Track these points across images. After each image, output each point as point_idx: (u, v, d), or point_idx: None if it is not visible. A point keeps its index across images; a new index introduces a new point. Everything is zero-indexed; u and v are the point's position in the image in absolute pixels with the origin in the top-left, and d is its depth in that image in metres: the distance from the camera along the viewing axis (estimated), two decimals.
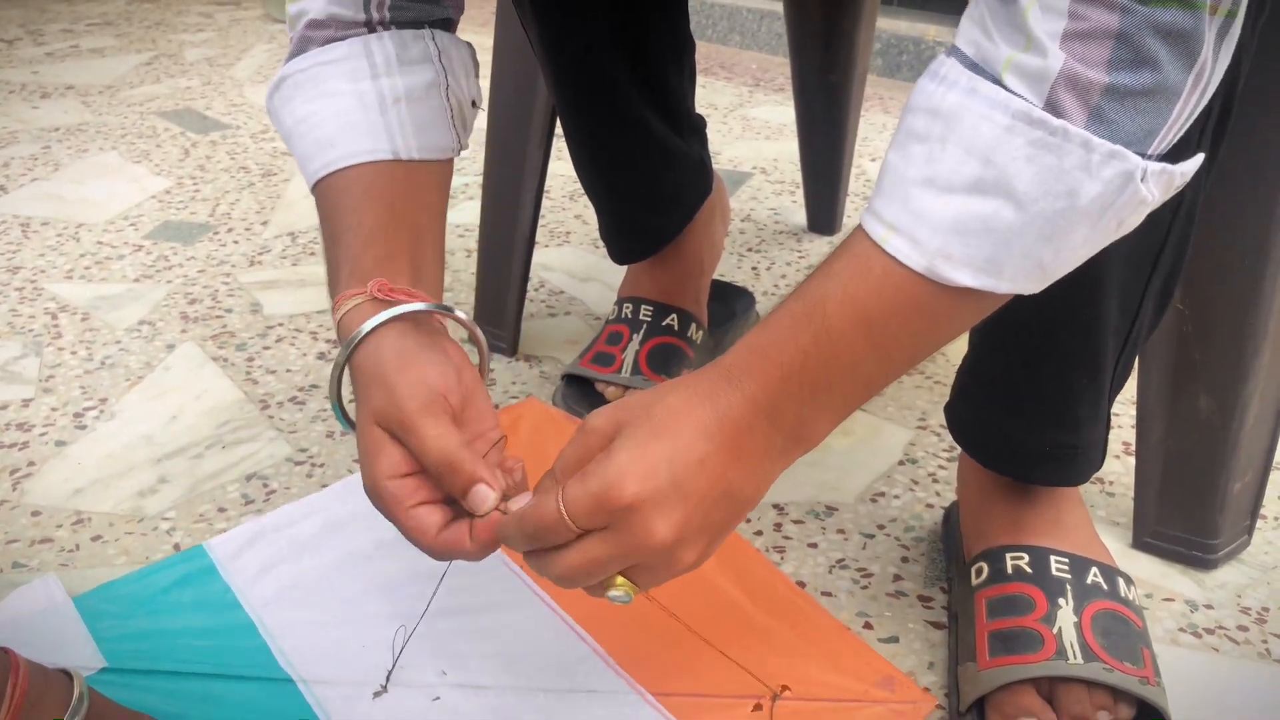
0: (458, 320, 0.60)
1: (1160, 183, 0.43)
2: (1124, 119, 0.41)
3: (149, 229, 1.34)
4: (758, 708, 0.62)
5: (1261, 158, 0.65)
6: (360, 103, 0.62)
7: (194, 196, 1.46)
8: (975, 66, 0.44)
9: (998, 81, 0.43)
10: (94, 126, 1.74)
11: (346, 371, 0.58)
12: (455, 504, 0.54)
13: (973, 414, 0.70)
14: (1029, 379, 0.65)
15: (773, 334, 0.48)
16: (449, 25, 0.67)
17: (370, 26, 0.63)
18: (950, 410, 0.72)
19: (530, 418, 0.90)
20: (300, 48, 0.63)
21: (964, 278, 0.44)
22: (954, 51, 0.46)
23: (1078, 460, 0.66)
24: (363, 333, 0.55)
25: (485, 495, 0.52)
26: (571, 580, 0.49)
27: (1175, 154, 0.44)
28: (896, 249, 0.45)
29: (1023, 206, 0.43)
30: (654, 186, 0.93)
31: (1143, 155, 0.42)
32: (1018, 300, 0.47)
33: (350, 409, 0.58)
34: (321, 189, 0.62)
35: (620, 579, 0.49)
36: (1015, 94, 0.42)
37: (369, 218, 0.60)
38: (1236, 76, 0.47)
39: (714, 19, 2.42)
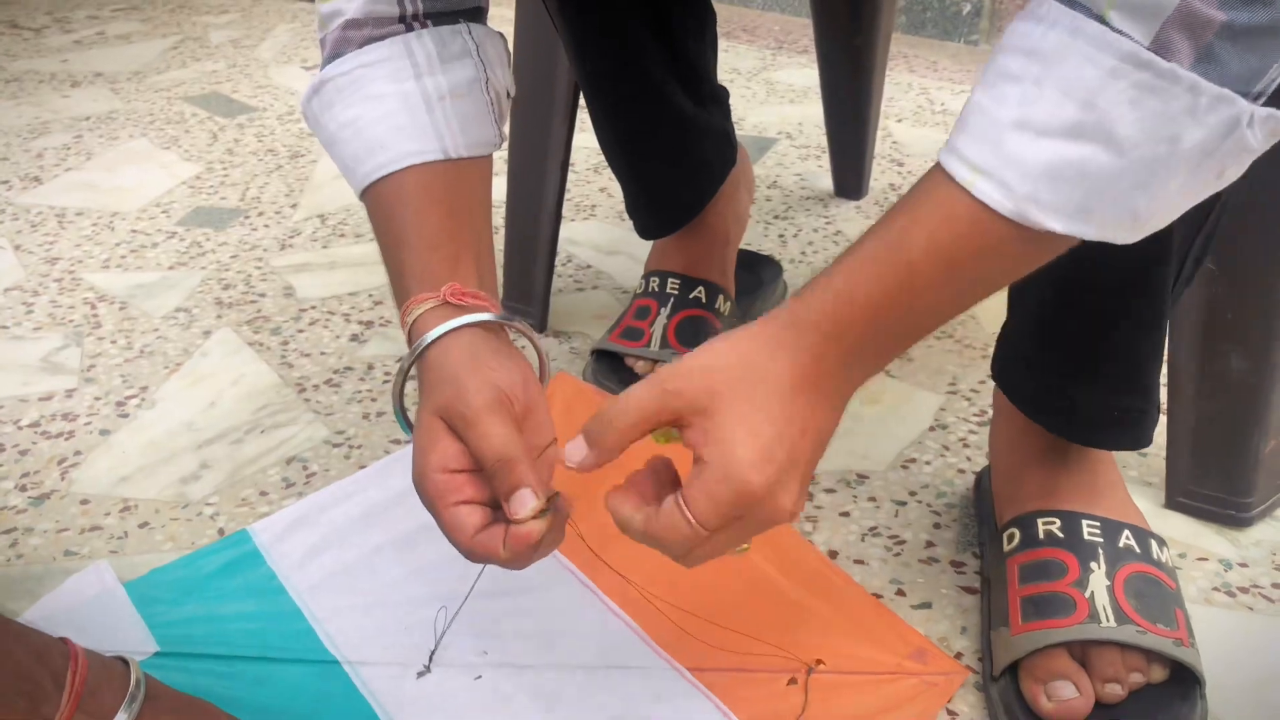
0: (522, 331, 0.61)
1: (1266, 129, 0.41)
2: (1233, 59, 0.40)
3: (181, 215, 1.36)
4: (792, 681, 0.63)
5: None
6: (406, 104, 0.62)
7: (223, 181, 1.48)
8: (1074, 3, 0.41)
9: (1101, 20, 0.40)
10: (123, 114, 1.76)
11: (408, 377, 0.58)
12: (498, 511, 0.54)
13: (1038, 381, 0.68)
14: (1103, 344, 0.64)
15: (855, 278, 0.47)
16: (480, 14, 0.66)
17: (406, 21, 0.62)
18: (1004, 376, 0.71)
19: (562, 393, 0.90)
20: (337, 50, 0.62)
21: (1054, 224, 0.43)
22: None
23: (1144, 422, 0.66)
24: (434, 335, 0.56)
25: (525, 500, 0.52)
26: (705, 558, 0.50)
27: (1274, 99, 0.42)
28: (985, 194, 0.43)
29: (1122, 152, 0.41)
30: (678, 159, 0.93)
31: (1246, 96, 0.40)
32: (1087, 271, 0.47)
33: (412, 414, 0.58)
34: (374, 193, 0.62)
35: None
36: (1122, 33, 0.40)
37: (431, 221, 0.60)
38: None
39: None
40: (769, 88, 1.79)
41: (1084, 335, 0.64)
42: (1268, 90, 0.41)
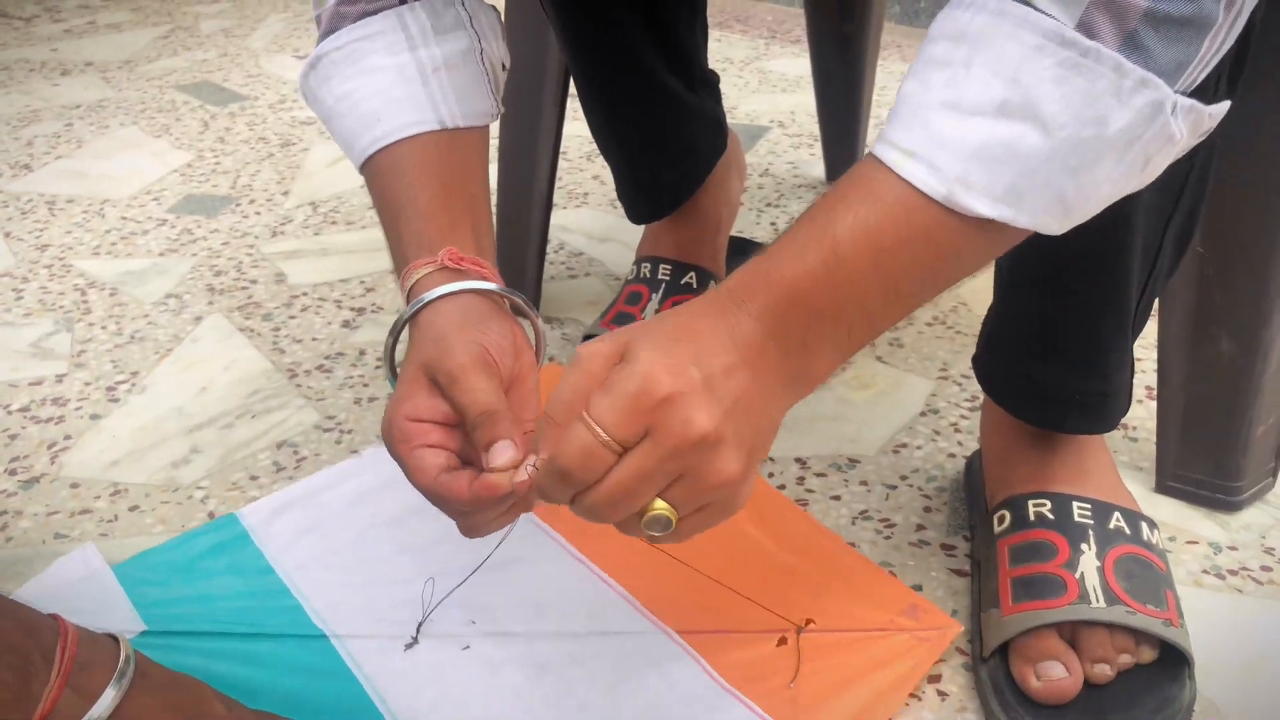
0: (520, 305, 0.60)
1: (1189, 120, 0.42)
2: (1158, 47, 0.40)
3: (172, 203, 1.36)
4: (783, 641, 0.63)
5: None
6: (401, 76, 0.62)
7: (215, 169, 1.47)
8: None
9: (1027, 3, 0.41)
10: (114, 102, 1.75)
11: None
12: (469, 467, 0.53)
13: (1001, 363, 0.70)
14: (1058, 325, 0.64)
15: (779, 257, 0.46)
16: None
17: None
18: (977, 361, 0.72)
19: (550, 383, 0.90)
20: (333, 25, 0.62)
21: (983, 207, 0.42)
22: None
23: (1107, 406, 0.66)
24: (431, 296, 0.56)
25: (504, 450, 0.50)
26: (616, 503, 0.45)
27: (1196, 96, 0.43)
28: (913, 175, 0.43)
29: (1049, 131, 0.41)
30: (669, 143, 0.93)
31: (1171, 89, 0.41)
32: (1046, 246, 0.46)
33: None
34: (372, 165, 0.62)
35: (659, 502, 0.45)
36: (1046, 14, 0.41)
37: (426, 190, 0.60)
38: (1253, 23, 0.47)
39: None
40: (761, 77, 1.79)
41: (1040, 319, 0.65)
42: (1191, 85, 0.42)
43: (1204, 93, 0.44)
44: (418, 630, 0.65)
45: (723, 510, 0.47)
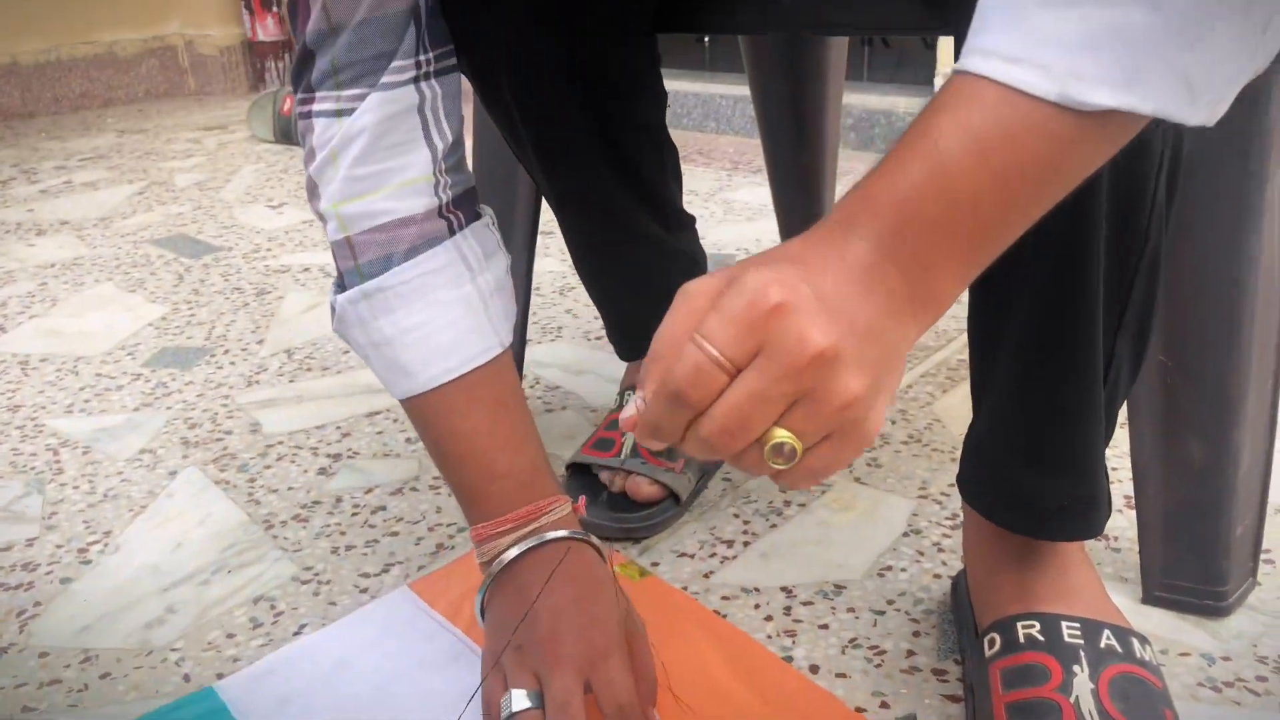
0: (599, 550, 0.70)
1: None
2: None
3: (146, 356, 1.36)
4: None
5: (1229, 201, 0.66)
6: (467, 308, 0.67)
7: (190, 320, 1.48)
8: None
9: None
10: (89, 259, 1.77)
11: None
12: None
13: (989, 474, 0.69)
14: (1042, 430, 0.64)
15: (881, 176, 0.43)
16: (475, 193, 0.72)
17: (442, 214, 0.67)
18: (963, 478, 0.71)
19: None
20: (387, 250, 0.65)
21: (1102, 97, 0.39)
22: None
23: (1094, 509, 0.66)
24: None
25: None
26: (733, 430, 0.42)
27: None
28: (1018, 79, 0.40)
29: (1158, 6, 0.39)
30: (653, 286, 0.95)
31: None
32: (1016, 342, 0.45)
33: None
34: (439, 394, 0.67)
35: (780, 430, 0.42)
36: None
37: (505, 423, 0.68)
38: None
39: (689, 107, 2.48)
40: (726, 207, 1.84)
41: (1029, 425, 0.65)
42: None
43: None
44: None
45: (850, 440, 0.43)
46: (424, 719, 0.69)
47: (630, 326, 0.98)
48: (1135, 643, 0.64)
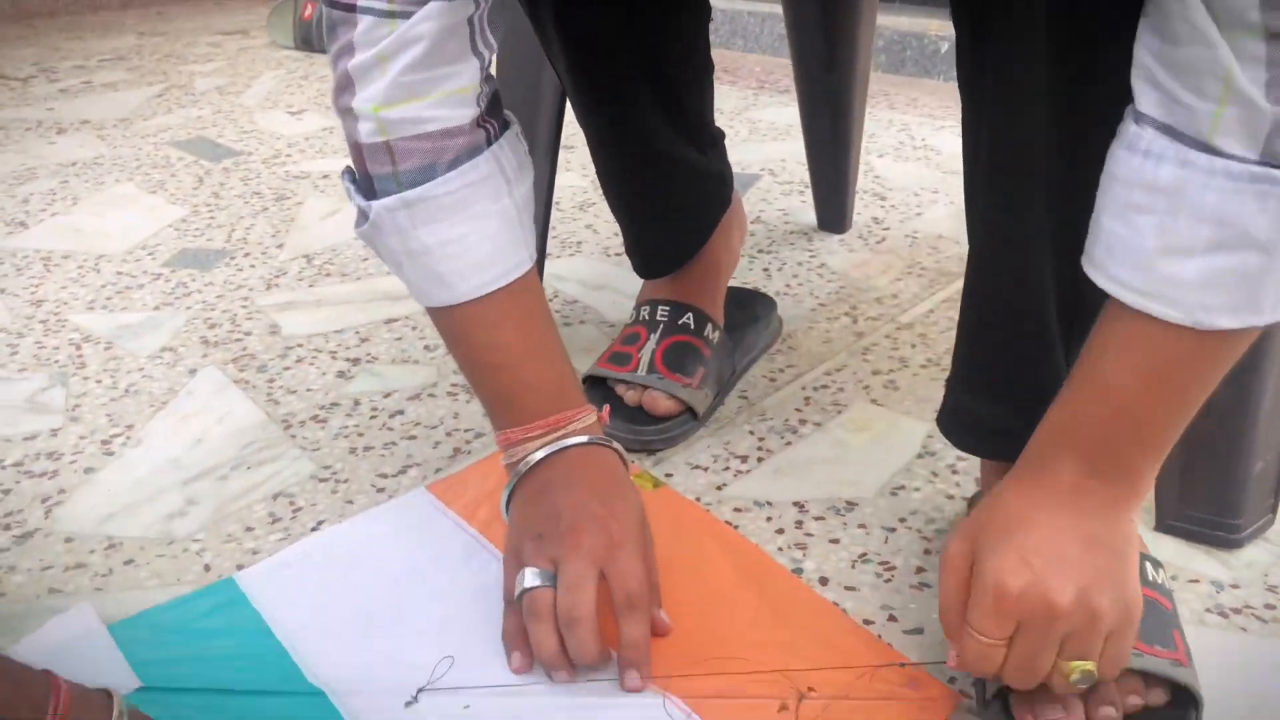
0: (621, 455, 0.72)
1: None
2: None
3: (167, 257, 1.36)
4: (783, 708, 0.62)
5: None
6: (505, 221, 0.67)
7: (210, 223, 1.48)
8: (1172, 130, 0.46)
9: (1204, 145, 0.45)
10: (110, 159, 1.76)
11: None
12: None
13: (951, 398, 0.75)
14: (998, 362, 0.69)
15: (1062, 416, 0.56)
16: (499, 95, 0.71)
17: (481, 122, 0.66)
18: (941, 418, 0.76)
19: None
20: (432, 159, 0.64)
21: (1225, 321, 0.48)
22: (1142, 118, 0.48)
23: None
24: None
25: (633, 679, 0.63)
26: (1024, 678, 0.55)
27: None
28: (1156, 311, 0.49)
29: (1268, 250, 0.46)
30: (679, 206, 0.94)
31: None
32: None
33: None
34: (474, 306, 0.67)
35: (1073, 669, 0.54)
36: (1229, 155, 0.44)
37: (536, 335, 0.70)
38: None
39: (716, 24, 2.43)
40: (751, 126, 1.82)
41: (986, 355, 0.70)
42: None
43: None
44: (418, 691, 0.64)
45: (1123, 631, 0.54)
46: (438, 615, 0.71)
47: (651, 245, 0.97)
48: (1148, 566, 0.64)
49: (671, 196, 0.94)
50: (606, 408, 0.76)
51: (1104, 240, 0.51)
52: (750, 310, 1.07)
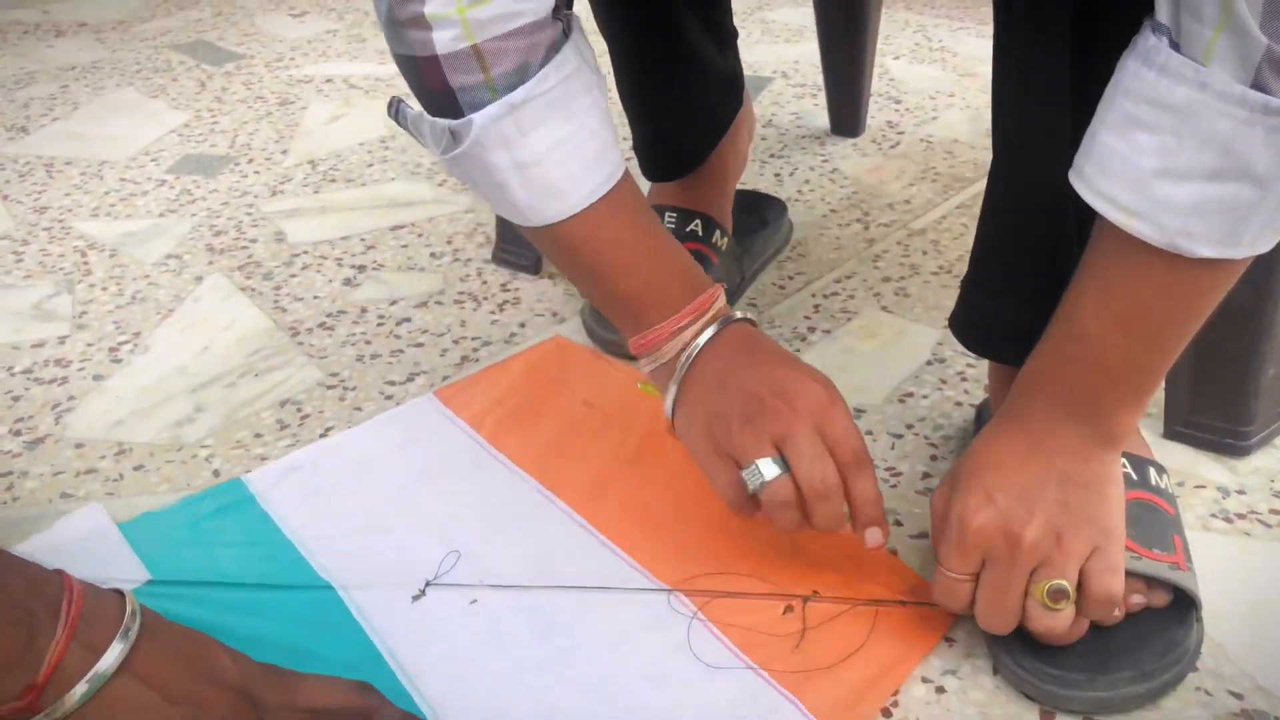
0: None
1: None
2: None
3: (170, 163, 1.35)
4: (789, 609, 0.63)
5: None
6: (601, 115, 0.62)
7: (213, 129, 1.46)
8: (1180, 47, 0.45)
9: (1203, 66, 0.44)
10: (109, 63, 1.73)
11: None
12: None
13: (963, 299, 0.74)
14: (1012, 263, 0.69)
15: (1039, 359, 0.57)
16: None
17: (556, 13, 0.60)
18: (954, 319, 0.75)
19: (556, 355, 0.90)
20: (524, 58, 0.58)
21: (1205, 250, 0.47)
22: (1159, 28, 0.46)
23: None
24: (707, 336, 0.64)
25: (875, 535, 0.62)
26: (995, 610, 0.56)
27: None
28: (1139, 231, 0.48)
29: (1262, 185, 0.45)
30: (691, 104, 0.92)
31: None
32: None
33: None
34: (592, 210, 0.62)
35: (1041, 588, 0.54)
36: (1248, 85, 0.43)
37: (654, 226, 0.66)
38: None
39: None
40: (764, 27, 1.77)
41: (1002, 256, 0.69)
42: None
43: None
44: (426, 585, 0.65)
45: (1105, 554, 0.55)
46: (446, 514, 0.71)
47: (665, 145, 0.95)
48: (1152, 471, 0.64)
49: (691, 94, 0.91)
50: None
51: (1097, 155, 0.49)
52: (760, 214, 1.05)
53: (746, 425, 0.59)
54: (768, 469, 0.59)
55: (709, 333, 0.63)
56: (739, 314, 0.65)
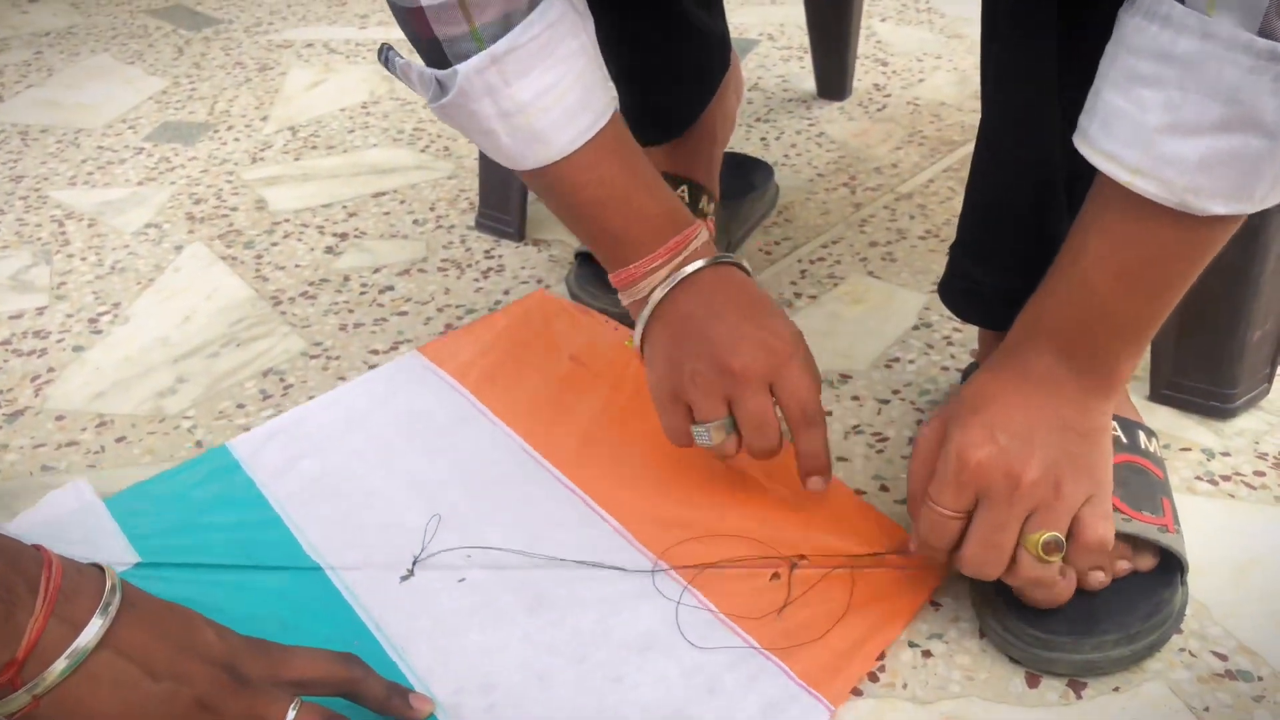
0: (746, 270, 0.68)
1: None
2: None
3: (148, 131, 1.33)
4: (775, 576, 0.63)
5: None
6: (589, 59, 0.62)
7: (191, 95, 1.43)
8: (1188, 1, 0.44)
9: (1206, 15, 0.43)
10: (84, 29, 1.70)
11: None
12: None
13: (950, 267, 0.73)
14: (998, 228, 0.68)
15: (1040, 306, 0.55)
16: None
17: None
18: (942, 286, 0.75)
19: (541, 309, 0.89)
20: (508, 6, 0.58)
21: (1216, 207, 0.46)
22: None
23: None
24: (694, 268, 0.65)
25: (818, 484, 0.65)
26: (987, 554, 0.54)
27: None
28: (1144, 190, 0.47)
29: (1272, 135, 0.44)
30: (683, 69, 0.91)
31: None
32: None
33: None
34: (575, 156, 0.63)
35: (1036, 540, 0.53)
36: (1253, 32, 0.42)
37: (638, 166, 0.66)
38: None
39: None
40: None
41: (991, 221, 0.69)
42: None
43: None
44: (414, 564, 0.65)
45: (1096, 505, 0.55)
46: (433, 479, 0.71)
47: (654, 110, 0.94)
48: (1141, 434, 0.64)
49: (679, 56, 0.90)
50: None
51: (1100, 114, 0.48)
52: (747, 178, 1.04)
53: (701, 381, 0.62)
54: (716, 433, 0.63)
55: (685, 272, 0.65)
56: (730, 258, 0.66)
